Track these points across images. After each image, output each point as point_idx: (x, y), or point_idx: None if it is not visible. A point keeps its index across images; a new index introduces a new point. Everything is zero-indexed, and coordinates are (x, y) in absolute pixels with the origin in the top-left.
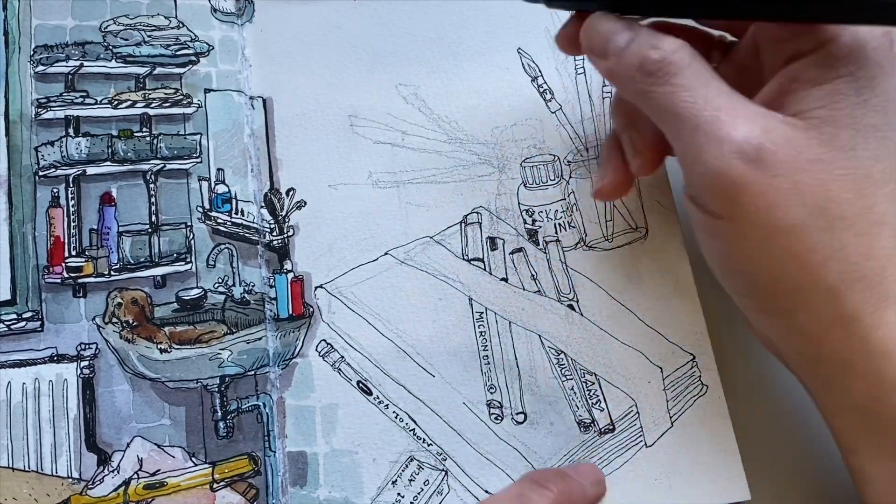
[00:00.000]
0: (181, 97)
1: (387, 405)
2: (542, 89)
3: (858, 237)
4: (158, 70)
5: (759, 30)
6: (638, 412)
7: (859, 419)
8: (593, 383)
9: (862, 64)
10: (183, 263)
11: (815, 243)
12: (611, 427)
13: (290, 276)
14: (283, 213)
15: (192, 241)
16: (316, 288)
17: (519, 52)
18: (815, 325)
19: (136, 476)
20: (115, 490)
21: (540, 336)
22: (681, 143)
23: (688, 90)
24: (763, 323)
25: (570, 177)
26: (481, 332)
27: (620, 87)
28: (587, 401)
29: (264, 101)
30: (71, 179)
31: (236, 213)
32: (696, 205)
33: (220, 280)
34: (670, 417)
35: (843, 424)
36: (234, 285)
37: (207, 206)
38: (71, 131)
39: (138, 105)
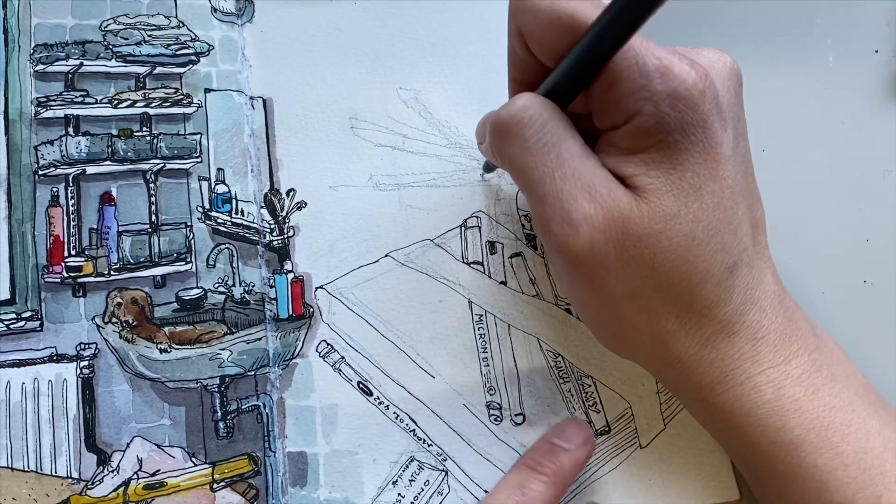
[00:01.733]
0: (181, 97)
1: (387, 406)
2: None
3: (682, 294)
4: (158, 70)
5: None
6: (632, 414)
7: (711, 434)
8: (590, 385)
9: (668, 130)
10: (183, 263)
11: (646, 305)
12: (607, 428)
13: (291, 276)
14: (284, 213)
15: (192, 241)
16: (316, 289)
17: None
18: (654, 365)
19: (135, 476)
20: (115, 490)
21: (538, 339)
22: (532, 210)
23: (536, 153)
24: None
25: None
26: (481, 335)
27: (494, 160)
28: (584, 402)
29: (264, 101)
30: (71, 179)
31: (236, 213)
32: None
33: (220, 280)
34: (663, 419)
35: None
36: (234, 285)
37: (207, 206)
38: (71, 130)
39: (138, 104)
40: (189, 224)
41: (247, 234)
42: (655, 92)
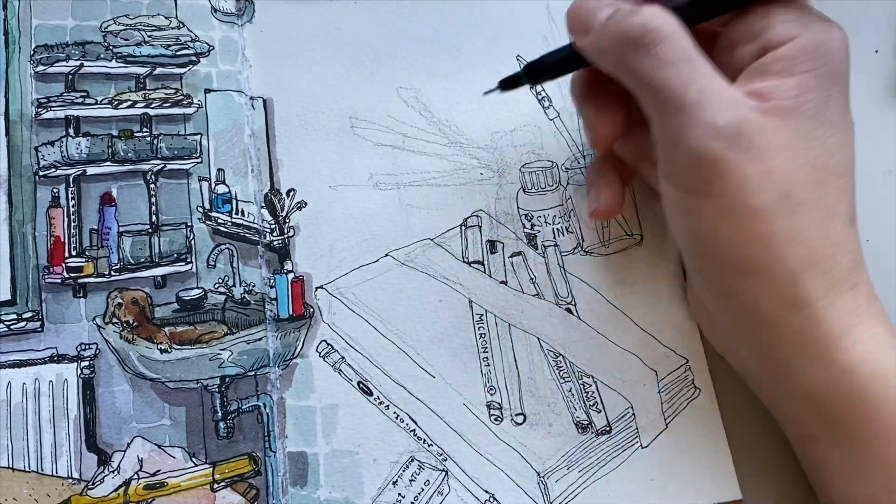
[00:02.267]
0: (181, 97)
1: (387, 406)
2: (540, 96)
3: (815, 224)
4: (159, 70)
5: (728, 32)
6: (634, 414)
7: (813, 406)
8: (591, 385)
9: (825, 61)
10: (183, 264)
11: (779, 227)
12: (608, 428)
13: (291, 276)
14: (284, 213)
15: (193, 242)
16: (316, 288)
17: (518, 60)
18: (773, 307)
19: (136, 476)
20: (116, 490)
21: (539, 338)
22: (662, 121)
23: (671, 64)
24: (723, 307)
25: (568, 183)
26: (481, 334)
27: (602, 61)
28: (585, 402)
29: (264, 101)
30: (71, 179)
31: (236, 214)
32: (672, 182)
33: (220, 280)
34: (665, 419)
35: (798, 412)
36: (234, 285)
37: (208, 207)
38: (71, 131)
39: (138, 105)
40: (189, 224)
41: (247, 235)
42: (813, 25)
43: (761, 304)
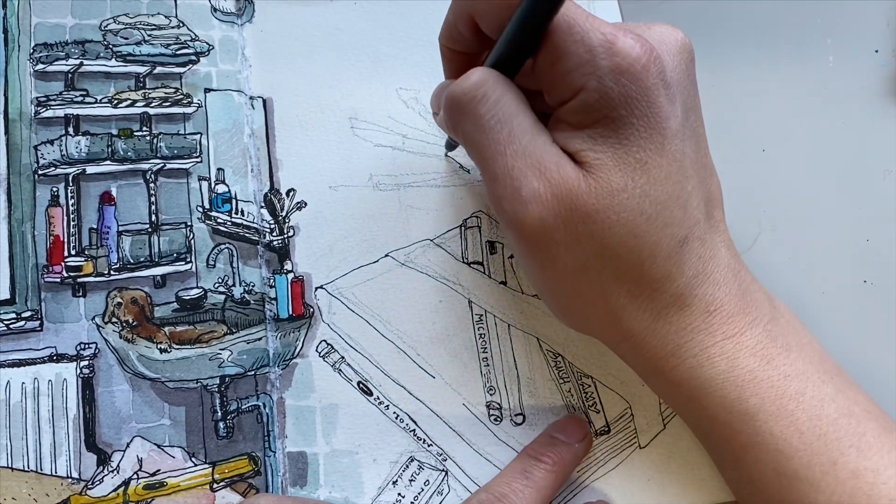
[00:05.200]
0: (181, 97)
1: (387, 406)
2: None
3: (632, 268)
4: (158, 69)
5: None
6: (632, 414)
7: (672, 405)
8: (590, 386)
9: (612, 105)
10: (183, 263)
11: (597, 279)
12: (606, 429)
13: (291, 276)
14: (284, 213)
15: (192, 241)
16: (316, 288)
17: None
18: (609, 339)
19: (135, 476)
20: (115, 490)
21: (538, 339)
22: (485, 186)
23: (488, 130)
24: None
25: None
26: (481, 335)
27: (449, 131)
28: (584, 402)
29: (264, 101)
30: (70, 178)
31: (236, 213)
32: (502, 227)
33: (220, 280)
34: (663, 420)
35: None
36: (234, 285)
37: (207, 206)
38: (71, 130)
39: (138, 104)
40: (189, 224)
41: (247, 234)
42: (599, 67)
43: (600, 338)
